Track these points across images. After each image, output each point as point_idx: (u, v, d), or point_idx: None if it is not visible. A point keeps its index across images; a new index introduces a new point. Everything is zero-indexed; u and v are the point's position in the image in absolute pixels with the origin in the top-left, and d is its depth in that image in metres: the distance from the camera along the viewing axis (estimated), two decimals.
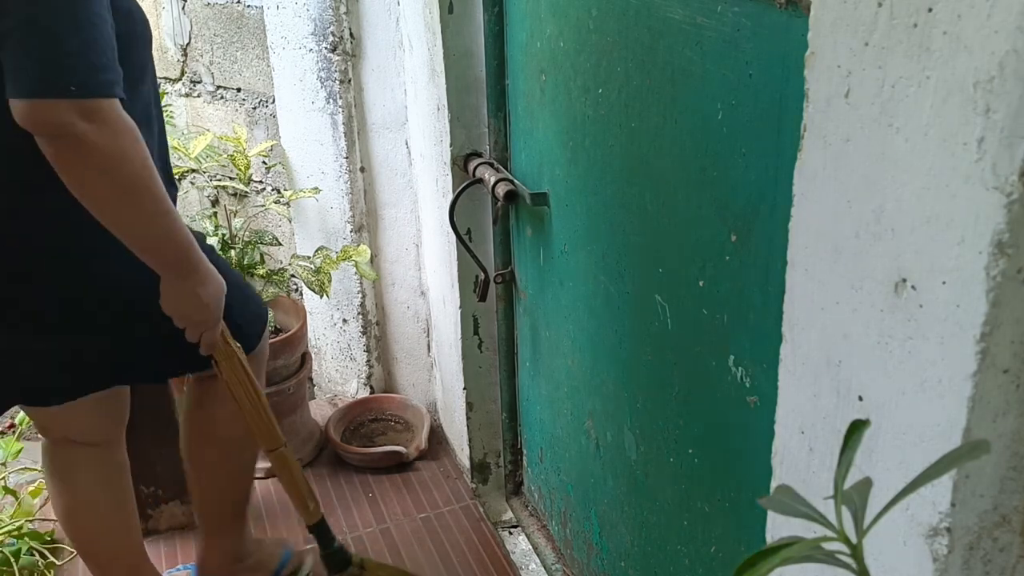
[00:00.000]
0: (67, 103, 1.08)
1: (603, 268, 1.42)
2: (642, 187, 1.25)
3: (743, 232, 1.04)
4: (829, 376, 0.79)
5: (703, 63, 1.05)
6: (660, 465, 1.37)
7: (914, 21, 0.63)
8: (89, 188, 1.16)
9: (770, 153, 0.96)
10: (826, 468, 0.82)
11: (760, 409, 1.08)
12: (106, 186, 1.16)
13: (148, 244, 1.25)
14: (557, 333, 1.68)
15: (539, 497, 2.02)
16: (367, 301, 2.36)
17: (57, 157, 1.13)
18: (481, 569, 1.96)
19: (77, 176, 1.15)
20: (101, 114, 1.11)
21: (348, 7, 2.05)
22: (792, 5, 0.88)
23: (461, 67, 1.74)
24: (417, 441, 2.30)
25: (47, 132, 1.11)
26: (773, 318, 0.90)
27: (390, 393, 2.51)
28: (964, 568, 0.70)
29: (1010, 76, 0.56)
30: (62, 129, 1.09)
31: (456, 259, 1.92)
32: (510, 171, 1.74)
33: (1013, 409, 0.65)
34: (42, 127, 1.10)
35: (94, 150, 1.11)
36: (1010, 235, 0.59)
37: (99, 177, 1.15)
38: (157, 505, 2.03)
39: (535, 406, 1.91)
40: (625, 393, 1.44)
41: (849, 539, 0.46)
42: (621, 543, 1.58)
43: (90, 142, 1.11)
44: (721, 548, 1.25)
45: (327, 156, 2.20)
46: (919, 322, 0.67)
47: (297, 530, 2.07)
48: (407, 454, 2.26)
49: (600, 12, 1.26)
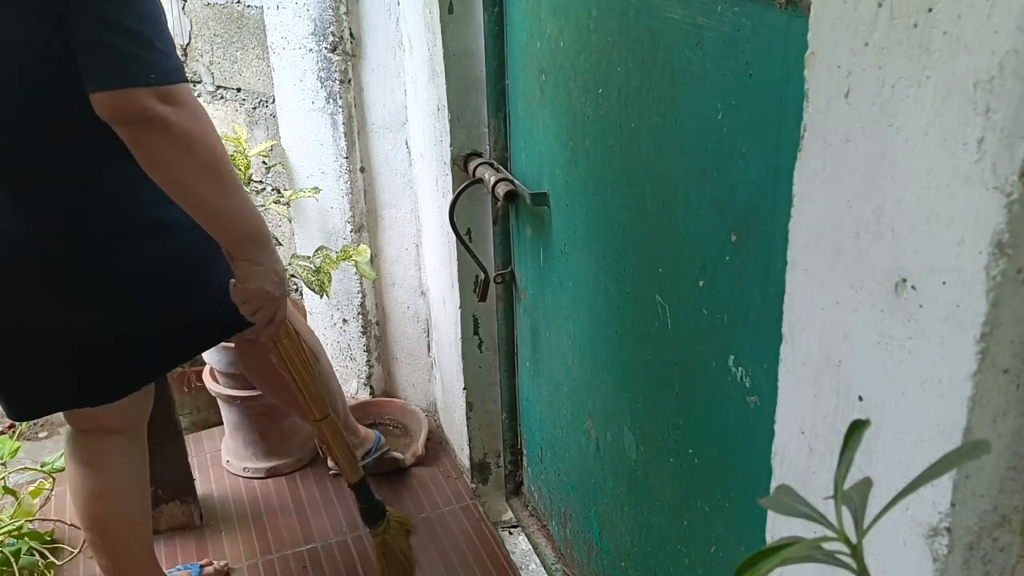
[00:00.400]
0: (147, 91, 1.17)
1: (603, 268, 1.42)
2: (642, 187, 1.25)
3: (743, 232, 1.04)
4: (829, 376, 0.79)
5: (703, 63, 1.05)
6: (660, 465, 1.37)
7: (914, 21, 0.63)
8: (172, 169, 1.24)
9: (770, 153, 0.96)
10: (826, 468, 0.82)
11: (760, 409, 1.08)
12: (188, 165, 1.24)
13: (226, 219, 1.31)
14: (557, 333, 1.68)
15: (539, 497, 2.02)
16: (367, 301, 2.36)
17: (141, 143, 1.21)
18: (481, 569, 1.96)
19: (160, 159, 1.23)
20: (179, 98, 1.20)
21: (348, 7, 2.05)
22: (792, 5, 0.88)
23: (461, 67, 1.74)
24: (415, 447, 2.29)
25: (130, 120, 1.19)
26: (773, 318, 0.90)
27: (390, 395, 2.51)
28: (964, 568, 0.70)
29: (1010, 76, 0.56)
30: (145, 115, 1.18)
31: (456, 259, 1.92)
32: (510, 171, 1.74)
33: (1013, 409, 0.65)
34: (126, 115, 1.18)
35: (176, 132, 1.20)
36: (1010, 235, 0.59)
37: (181, 157, 1.23)
38: (157, 505, 2.02)
39: (535, 406, 1.91)
40: (625, 393, 1.44)
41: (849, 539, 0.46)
42: (621, 543, 1.58)
43: (172, 125, 1.19)
44: (721, 548, 1.25)
45: (327, 156, 2.20)
46: (919, 322, 0.67)
47: (297, 529, 2.07)
48: (403, 460, 2.25)
49: (600, 12, 1.26)
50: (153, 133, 1.20)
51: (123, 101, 1.17)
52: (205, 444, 2.40)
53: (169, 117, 1.19)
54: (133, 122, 1.19)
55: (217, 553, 2.01)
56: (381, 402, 2.45)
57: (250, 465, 2.25)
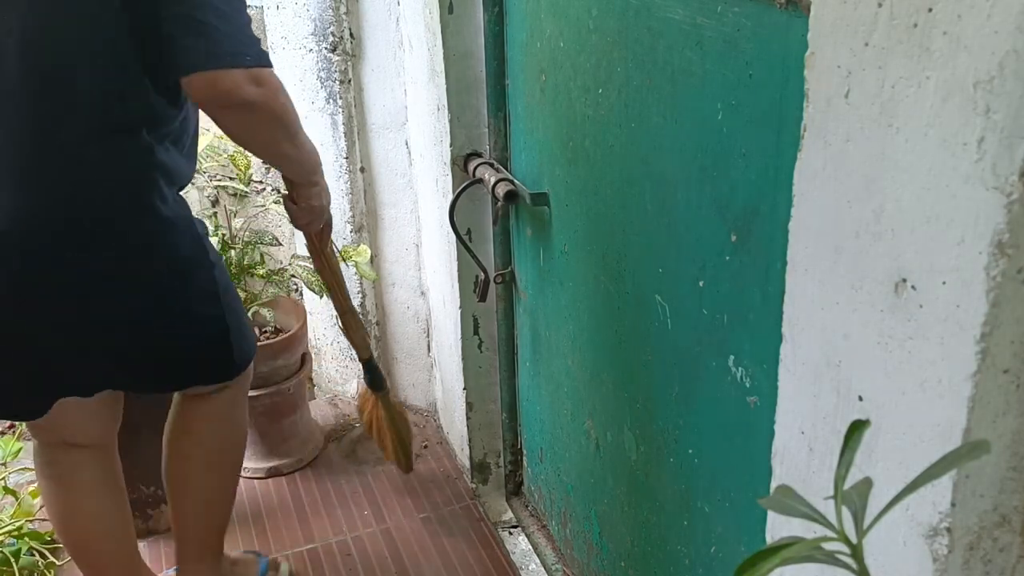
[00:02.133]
0: (244, 72, 1.22)
1: (603, 268, 1.42)
2: (642, 187, 1.25)
3: (743, 232, 1.04)
4: (829, 376, 0.79)
5: (703, 63, 1.05)
6: (660, 465, 1.37)
7: (914, 21, 0.63)
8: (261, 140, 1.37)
9: (770, 153, 0.96)
10: (826, 468, 0.82)
11: (760, 409, 1.08)
12: (276, 136, 1.36)
13: (298, 163, 1.47)
14: (557, 333, 1.68)
15: (539, 497, 2.02)
16: (367, 301, 2.36)
17: (235, 121, 1.30)
18: (481, 569, 1.96)
19: (251, 132, 1.34)
20: (270, 79, 1.27)
21: (348, 7, 2.05)
22: (792, 5, 0.88)
23: (461, 67, 1.74)
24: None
25: (227, 101, 1.24)
26: (773, 318, 0.90)
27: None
28: (964, 568, 0.70)
29: (1010, 76, 0.56)
30: (240, 96, 1.23)
31: (456, 259, 1.92)
32: (510, 171, 1.74)
33: (1013, 409, 0.65)
34: (223, 96, 1.23)
35: (267, 110, 1.28)
36: (1010, 235, 0.59)
37: (271, 131, 1.34)
38: (157, 505, 2.02)
39: (535, 406, 1.91)
40: (625, 393, 1.44)
41: (849, 539, 0.46)
42: (621, 543, 1.58)
43: (264, 104, 1.26)
44: (721, 548, 1.25)
45: (327, 156, 2.20)
46: (919, 322, 0.67)
47: (297, 529, 2.08)
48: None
49: (600, 12, 1.26)
50: (247, 113, 1.26)
51: (220, 82, 1.22)
52: None
53: (260, 99, 1.25)
54: (229, 104, 1.24)
55: None
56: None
57: (250, 465, 2.25)
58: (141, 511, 2.01)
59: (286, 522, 2.10)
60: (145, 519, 2.03)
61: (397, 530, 2.07)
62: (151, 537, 2.04)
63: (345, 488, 2.22)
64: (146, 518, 2.03)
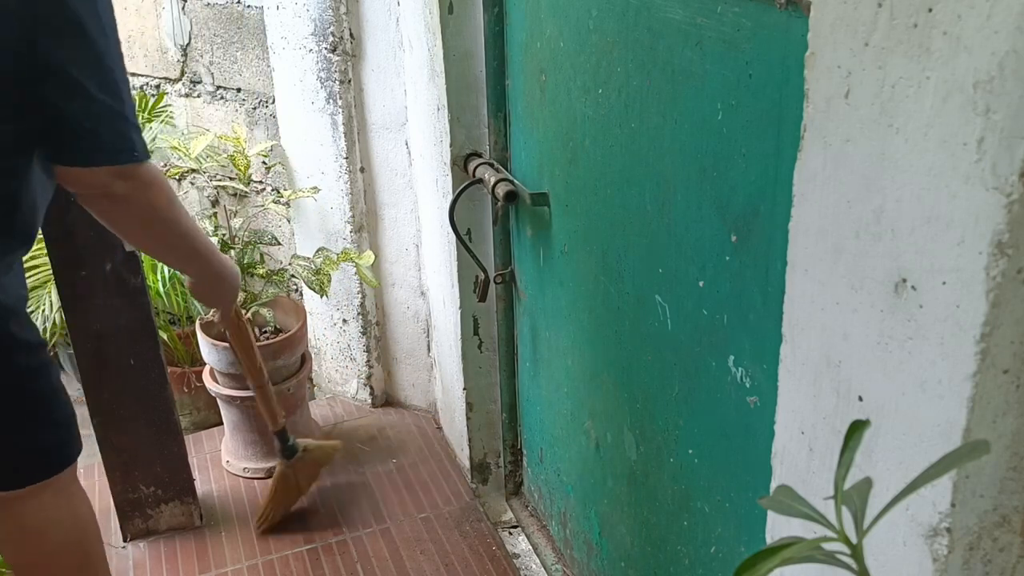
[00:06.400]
0: (121, 168, 1.19)
1: (603, 268, 1.42)
2: (642, 187, 1.25)
3: (743, 232, 1.04)
4: (829, 376, 0.79)
5: (703, 63, 1.05)
6: (660, 465, 1.37)
7: (914, 21, 0.63)
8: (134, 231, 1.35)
9: (770, 153, 0.96)
10: (826, 468, 0.82)
11: (760, 409, 1.08)
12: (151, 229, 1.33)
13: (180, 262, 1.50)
14: (557, 333, 1.68)
15: (539, 497, 2.02)
16: (367, 301, 2.36)
17: (107, 211, 1.27)
18: (481, 569, 1.96)
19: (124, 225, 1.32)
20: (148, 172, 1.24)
21: (348, 7, 2.05)
22: (792, 5, 0.88)
23: (461, 67, 1.74)
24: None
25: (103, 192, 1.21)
26: (773, 318, 0.90)
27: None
28: (964, 568, 0.70)
29: (1010, 76, 0.56)
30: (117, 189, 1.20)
31: (456, 259, 1.92)
32: (510, 171, 1.74)
33: (1013, 409, 0.65)
34: (98, 188, 1.21)
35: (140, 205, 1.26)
36: (1010, 235, 0.59)
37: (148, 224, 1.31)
38: (157, 505, 2.02)
39: (535, 406, 1.91)
40: (625, 393, 1.44)
41: (849, 539, 0.46)
42: (621, 543, 1.58)
43: (136, 200, 1.24)
44: (721, 548, 1.25)
45: (327, 156, 2.20)
46: (919, 322, 0.67)
47: (298, 529, 2.07)
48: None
49: (600, 12, 1.26)
50: (120, 205, 1.24)
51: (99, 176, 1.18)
52: (205, 444, 2.40)
53: (133, 193, 1.22)
54: (105, 195, 1.22)
55: (217, 554, 2.01)
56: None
57: (250, 465, 2.25)
58: (141, 511, 2.01)
59: (286, 522, 2.09)
60: (145, 519, 2.03)
61: (397, 530, 2.07)
62: (151, 537, 2.04)
63: (345, 488, 2.22)
64: (146, 518, 2.03)
